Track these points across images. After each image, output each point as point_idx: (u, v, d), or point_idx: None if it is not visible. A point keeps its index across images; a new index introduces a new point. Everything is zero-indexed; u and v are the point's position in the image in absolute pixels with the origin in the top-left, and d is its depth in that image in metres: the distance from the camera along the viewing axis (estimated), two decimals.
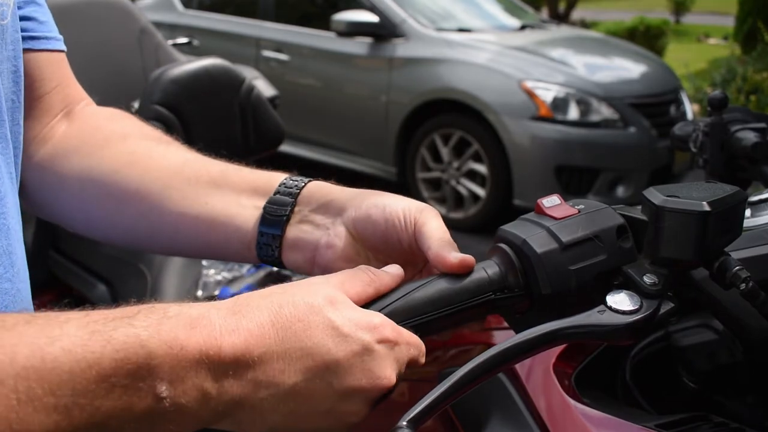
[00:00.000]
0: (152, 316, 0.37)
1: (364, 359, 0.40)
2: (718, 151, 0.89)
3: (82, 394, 0.33)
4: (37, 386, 0.32)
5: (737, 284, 0.48)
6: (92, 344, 0.34)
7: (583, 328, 0.44)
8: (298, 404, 0.39)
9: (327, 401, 0.40)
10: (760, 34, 6.20)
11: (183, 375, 0.36)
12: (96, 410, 0.34)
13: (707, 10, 14.92)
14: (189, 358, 0.36)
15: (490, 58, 3.82)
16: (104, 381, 0.34)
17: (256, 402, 0.39)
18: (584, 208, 0.50)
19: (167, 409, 0.36)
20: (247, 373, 0.38)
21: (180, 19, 4.93)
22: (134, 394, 0.35)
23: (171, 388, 0.36)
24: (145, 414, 0.35)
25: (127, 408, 0.35)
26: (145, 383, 0.35)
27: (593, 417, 0.56)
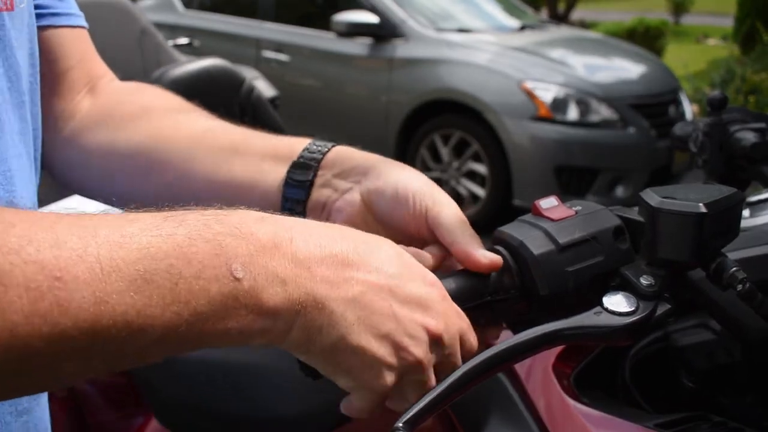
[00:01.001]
0: (220, 212, 0.38)
1: (422, 299, 0.41)
2: (718, 151, 0.89)
3: (160, 266, 0.33)
4: (118, 257, 0.32)
5: (734, 285, 0.48)
6: (166, 225, 0.35)
7: (580, 330, 0.45)
8: (363, 314, 0.39)
9: (387, 322, 0.39)
10: (759, 35, 6.21)
11: (256, 257, 0.36)
12: (175, 286, 0.34)
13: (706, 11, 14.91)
14: (260, 242, 0.37)
15: (489, 58, 3.82)
16: (180, 254, 0.34)
17: (327, 300, 0.38)
18: (581, 210, 0.50)
19: (245, 290, 0.35)
20: (320, 267, 0.38)
21: (180, 20, 4.93)
22: (211, 269, 0.35)
23: (245, 269, 0.36)
24: (224, 296, 0.35)
25: (205, 288, 0.34)
26: (219, 259, 0.35)
27: (593, 417, 0.57)
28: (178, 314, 0.34)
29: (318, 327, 0.38)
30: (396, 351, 0.40)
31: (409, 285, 0.41)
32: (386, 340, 0.40)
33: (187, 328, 0.34)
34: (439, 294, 0.43)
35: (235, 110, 1.74)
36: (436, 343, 0.41)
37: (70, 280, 0.31)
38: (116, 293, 0.32)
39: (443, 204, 0.49)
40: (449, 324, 0.42)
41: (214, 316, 0.35)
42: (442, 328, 0.41)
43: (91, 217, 0.34)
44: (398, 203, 0.50)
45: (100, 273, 0.32)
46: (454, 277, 0.47)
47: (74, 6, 0.63)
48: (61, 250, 0.31)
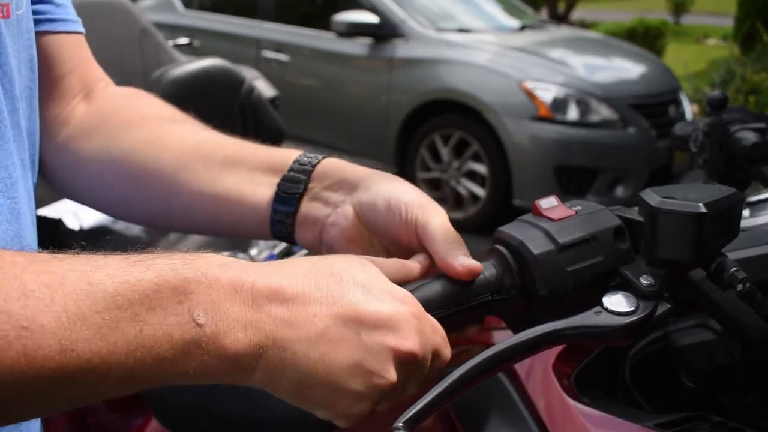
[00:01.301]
0: (187, 256, 0.38)
1: (391, 320, 0.41)
2: (718, 151, 0.89)
3: (125, 314, 0.34)
4: (84, 306, 0.33)
5: (734, 285, 0.48)
6: (133, 270, 0.36)
7: (580, 329, 0.45)
8: (327, 350, 0.39)
9: (355, 352, 0.40)
10: (759, 35, 6.21)
11: (218, 303, 0.37)
12: (139, 332, 0.35)
13: (706, 11, 14.91)
14: (223, 288, 0.37)
15: (489, 58, 3.82)
16: (145, 300, 0.35)
17: (288, 342, 0.38)
18: (581, 210, 0.50)
19: (206, 336, 0.36)
20: (280, 309, 0.39)
21: (180, 20, 4.93)
22: (174, 316, 0.36)
23: (207, 315, 0.36)
24: (186, 342, 0.36)
25: (168, 334, 0.35)
26: (182, 306, 0.36)
27: (593, 417, 0.57)
28: (141, 360, 0.35)
29: (281, 368, 0.39)
30: (367, 379, 0.40)
31: (376, 306, 0.41)
32: (355, 370, 0.40)
33: (150, 371, 0.36)
34: (411, 310, 0.42)
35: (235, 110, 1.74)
36: (410, 362, 0.41)
37: (37, 330, 0.32)
38: (82, 341, 0.33)
39: (432, 214, 0.50)
40: (423, 341, 0.42)
41: (177, 360, 0.36)
42: (416, 347, 0.41)
43: (59, 262, 0.35)
44: (391, 214, 0.50)
45: (66, 322, 0.33)
46: (453, 279, 0.47)
47: (71, 12, 0.63)
48: (28, 299, 0.32)
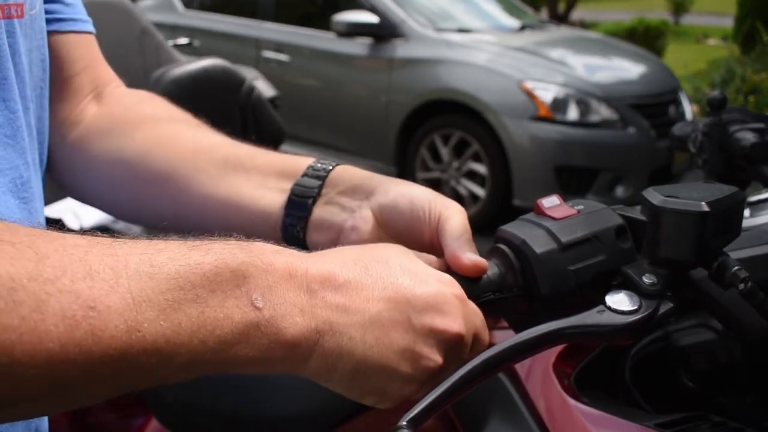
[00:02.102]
0: (242, 242, 0.39)
1: (438, 302, 0.42)
2: (717, 151, 0.89)
3: (188, 296, 0.35)
4: (147, 287, 0.34)
5: (736, 284, 0.48)
6: (193, 254, 0.36)
7: (583, 329, 0.45)
8: (381, 334, 0.40)
9: (406, 336, 0.41)
10: (759, 35, 6.21)
11: (274, 287, 0.38)
12: (201, 314, 0.35)
13: (706, 11, 14.92)
14: (279, 273, 0.38)
15: (489, 58, 3.82)
16: (206, 283, 0.36)
17: (344, 327, 0.39)
18: (583, 209, 0.50)
19: (265, 319, 0.37)
20: (335, 295, 0.40)
21: (180, 20, 4.93)
22: (233, 299, 0.36)
23: (265, 299, 0.37)
24: (246, 325, 0.36)
25: (228, 316, 0.36)
26: (241, 290, 0.37)
27: (593, 416, 0.57)
28: (203, 341, 0.35)
29: (338, 354, 0.39)
30: (417, 362, 0.41)
31: (424, 289, 0.42)
32: (407, 353, 0.41)
33: (213, 354, 0.36)
34: (455, 292, 0.43)
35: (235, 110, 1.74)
36: (456, 344, 0.43)
37: (104, 310, 0.32)
38: (147, 322, 0.33)
39: (455, 212, 0.51)
40: (467, 323, 0.43)
41: (237, 343, 0.36)
42: (462, 329, 0.43)
43: (121, 245, 0.36)
44: (414, 215, 0.51)
45: (132, 303, 0.33)
46: (456, 275, 0.47)
47: (82, 11, 0.64)
48: (94, 281, 0.33)
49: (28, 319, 0.30)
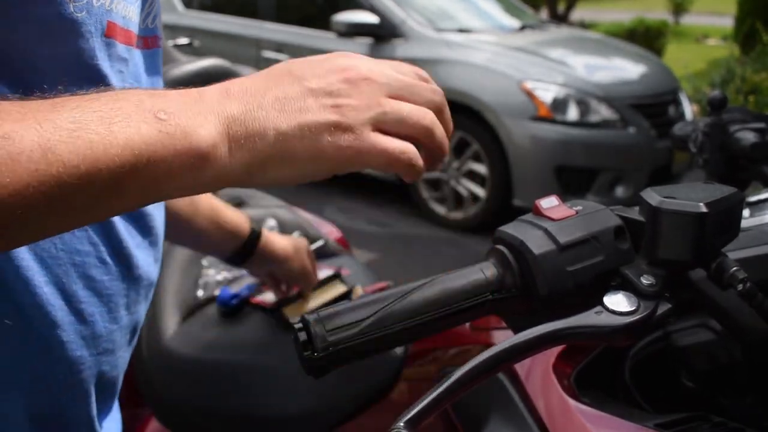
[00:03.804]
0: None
1: (324, 60, 0.48)
2: (718, 151, 0.89)
3: (93, 116, 0.38)
4: (55, 118, 0.37)
5: (735, 285, 0.48)
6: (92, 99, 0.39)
7: (581, 329, 0.45)
8: (281, 105, 0.43)
9: (302, 86, 0.44)
10: (759, 35, 6.20)
11: (173, 103, 0.41)
12: (109, 130, 0.38)
13: (706, 11, 14.91)
14: (175, 94, 0.42)
15: (489, 58, 3.82)
16: (110, 109, 0.39)
17: (245, 114, 0.42)
18: (582, 209, 0.50)
19: (171, 126, 0.40)
20: (231, 97, 0.43)
21: (180, 20, 4.93)
22: (137, 115, 0.39)
23: (167, 113, 0.40)
24: (155, 136, 0.39)
25: (137, 131, 0.39)
26: (142, 108, 0.40)
27: (593, 417, 0.57)
28: (118, 157, 0.37)
29: (251, 134, 0.42)
30: (332, 108, 0.44)
31: (313, 63, 0.47)
32: (313, 96, 0.44)
33: (133, 172, 0.38)
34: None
35: None
36: (367, 82, 0.46)
37: (17, 138, 0.35)
38: (60, 143, 0.36)
39: None
40: (363, 62, 0.48)
41: (152, 158, 0.39)
42: (357, 64, 0.47)
43: (26, 101, 0.38)
44: None
45: (41, 129, 0.36)
46: (456, 276, 0.48)
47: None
48: (3, 120, 0.36)
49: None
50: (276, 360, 1.04)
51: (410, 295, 0.46)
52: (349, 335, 0.44)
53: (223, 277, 1.23)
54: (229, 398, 1.03)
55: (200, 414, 1.06)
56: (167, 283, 1.17)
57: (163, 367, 1.09)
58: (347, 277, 1.25)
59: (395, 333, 0.45)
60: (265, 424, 1.02)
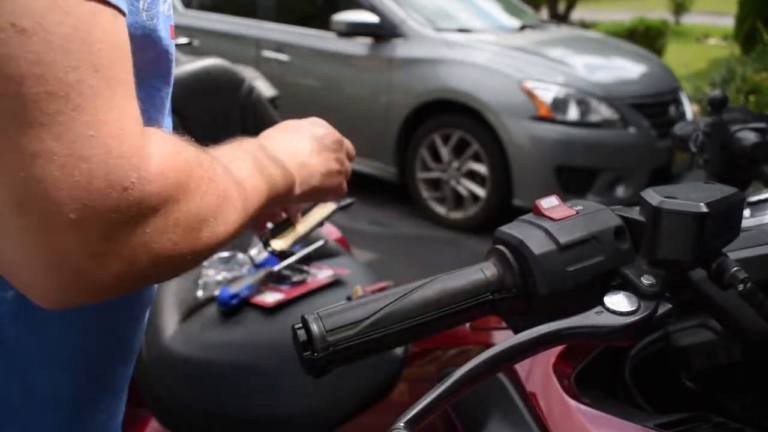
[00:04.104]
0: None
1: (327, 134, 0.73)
2: (718, 151, 0.89)
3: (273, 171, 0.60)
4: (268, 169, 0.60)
5: (735, 285, 0.48)
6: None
7: (581, 329, 0.44)
8: (312, 147, 0.69)
9: (324, 152, 0.70)
10: (760, 35, 6.20)
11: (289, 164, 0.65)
12: (280, 175, 0.62)
13: (707, 11, 14.91)
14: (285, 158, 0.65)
15: (489, 58, 3.82)
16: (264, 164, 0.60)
17: (304, 165, 0.67)
18: (582, 209, 0.50)
19: (298, 176, 0.65)
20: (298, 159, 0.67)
21: (180, 20, 4.92)
22: (281, 170, 0.62)
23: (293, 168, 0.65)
24: (285, 184, 0.63)
25: (278, 180, 0.61)
26: (281, 168, 0.63)
27: (593, 417, 0.57)
28: (265, 196, 0.57)
29: (309, 175, 0.67)
30: (335, 159, 0.72)
31: (316, 125, 0.74)
32: (329, 158, 0.71)
33: (266, 205, 0.57)
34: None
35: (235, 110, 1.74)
36: (340, 143, 0.74)
37: (249, 188, 0.55)
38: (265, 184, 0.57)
39: None
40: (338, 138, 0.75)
41: (279, 194, 0.61)
42: (332, 129, 0.75)
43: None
44: None
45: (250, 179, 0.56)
46: (456, 276, 0.47)
47: None
48: (232, 173, 0.53)
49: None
50: (276, 360, 1.04)
51: (410, 295, 0.46)
52: (349, 335, 0.44)
53: (223, 277, 1.23)
54: (229, 398, 1.03)
55: (200, 414, 1.06)
56: (166, 283, 1.17)
57: (163, 368, 1.09)
58: (347, 277, 1.25)
59: (395, 333, 0.45)
60: (265, 425, 1.02)
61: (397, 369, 1.00)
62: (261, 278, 1.19)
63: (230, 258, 1.26)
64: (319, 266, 1.29)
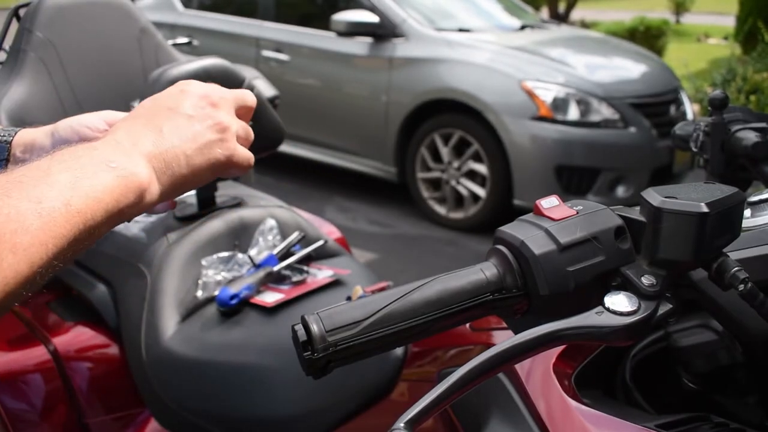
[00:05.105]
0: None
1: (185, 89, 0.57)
2: (719, 150, 0.88)
3: (60, 167, 0.45)
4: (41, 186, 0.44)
5: (736, 285, 0.48)
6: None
7: (582, 329, 0.44)
8: (169, 125, 0.53)
9: (183, 119, 0.54)
10: (761, 34, 6.19)
11: (114, 154, 0.50)
12: (75, 180, 0.46)
13: (707, 10, 14.90)
14: (105, 147, 0.50)
15: (490, 58, 3.81)
16: (71, 162, 0.47)
17: (162, 148, 0.52)
18: (583, 209, 0.50)
19: (122, 169, 0.48)
20: (143, 139, 0.52)
21: (180, 19, 4.92)
22: (93, 167, 0.47)
23: (113, 162, 0.49)
24: (113, 179, 0.47)
25: (99, 180, 0.47)
26: (95, 161, 0.48)
27: (593, 417, 0.57)
28: (94, 203, 0.46)
29: (169, 163, 0.52)
30: (211, 127, 0.55)
31: (174, 95, 0.56)
32: (197, 122, 0.55)
33: (104, 213, 0.46)
34: None
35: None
36: (223, 101, 0.57)
37: (15, 214, 0.42)
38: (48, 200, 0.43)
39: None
40: (209, 88, 0.58)
41: (114, 194, 0.47)
42: (208, 90, 0.57)
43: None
44: (81, 135, 0.64)
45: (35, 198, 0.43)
46: (457, 276, 0.47)
47: None
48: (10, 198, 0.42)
49: None
50: (276, 360, 1.04)
51: (410, 295, 0.46)
52: (349, 335, 0.44)
53: (223, 277, 1.23)
54: (229, 398, 1.03)
55: (200, 415, 1.06)
56: (166, 284, 1.17)
57: (163, 368, 1.09)
58: (347, 277, 1.25)
59: (395, 333, 0.45)
60: (265, 425, 1.02)
61: (397, 369, 1.00)
62: (261, 278, 1.19)
63: (230, 258, 1.26)
64: (319, 266, 1.29)
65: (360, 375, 1.00)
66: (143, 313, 1.14)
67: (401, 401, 0.98)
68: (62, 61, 1.48)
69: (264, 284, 1.20)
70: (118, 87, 1.57)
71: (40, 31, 1.44)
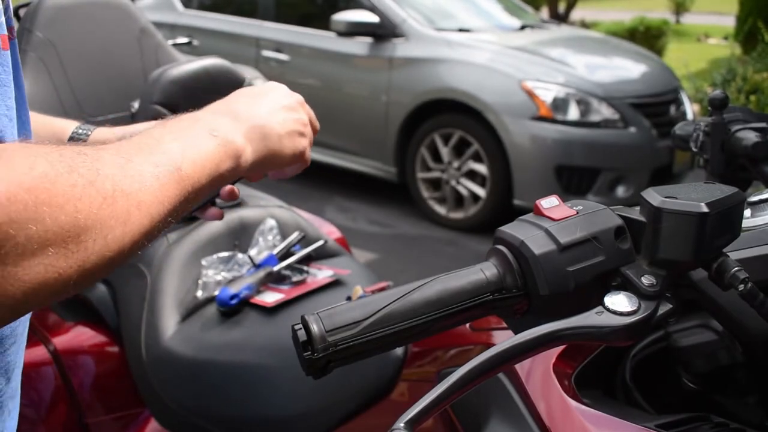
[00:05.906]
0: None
1: (281, 94, 0.66)
2: (719, 150, 0.88)
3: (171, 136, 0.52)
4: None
5: (736, 285, 0.48)
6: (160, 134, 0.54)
7: (582, 329, 0.44)
8: (265, 107, 0.62)
9: (281, 111, 0.63)
10: (761, 34, 6.19)
11: (216, 124, 0.57)
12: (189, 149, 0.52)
13: (707, 10, 14.91)
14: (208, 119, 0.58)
15: (490, 58, 3.81)
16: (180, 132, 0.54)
17: (252, 124, 0.60)
18: (583, 209, 0.50)
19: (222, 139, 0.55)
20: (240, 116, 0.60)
21: (180, 19, 4.92)
22: (196, 137, 0.54)
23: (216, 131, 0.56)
24: (216, 146, 0.55)
25: (203, 143, 0.54)
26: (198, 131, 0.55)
27: (593, 417, 0.57)
28: (202, 167, 0.52)
29: (263, 137, 0.60)
30: (295, 120, 0.64)
31: (270, 87, 0.67)
32: (284, 117, 0.64)
33: (209, 177, 0.53)
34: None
35: None
36: (303, 105, 0.68)
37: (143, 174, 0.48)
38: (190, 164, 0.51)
39: None
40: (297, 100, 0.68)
41: (217, 161, 0.54)
42: (296, 95, 0.68)
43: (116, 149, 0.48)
44: None
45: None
46: (457, 276, 0.47)
47: None
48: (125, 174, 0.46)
49: None
50: (276, 360, 1.04)
51: (410, 295, 0.46)
52: (349, 335, 0.44)
53: (223, 277, 1.23)
54: (229, 398, 1.03)
55: (200, 415, 1.06)
56: (166, 284, 1.17)
57: (162, 368, 1.09)
58: (347, 277, 1.25)
59: (395, 333, 0.45)
60: (265, 425, 1.02)
61: (397, 369, 1.00)
62: (261, 278, 1.19)
63: (230, 258, 1.26)
64: (319, 266, 1.29)
65: (360, 375, 1.00)
66: (143, 313, 1.14)
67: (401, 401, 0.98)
68: (62, 61, 1.48)
69: (264, 284, 1.20)
70: (118, 87, 1.57)
71: (40, 31, 1.45)
